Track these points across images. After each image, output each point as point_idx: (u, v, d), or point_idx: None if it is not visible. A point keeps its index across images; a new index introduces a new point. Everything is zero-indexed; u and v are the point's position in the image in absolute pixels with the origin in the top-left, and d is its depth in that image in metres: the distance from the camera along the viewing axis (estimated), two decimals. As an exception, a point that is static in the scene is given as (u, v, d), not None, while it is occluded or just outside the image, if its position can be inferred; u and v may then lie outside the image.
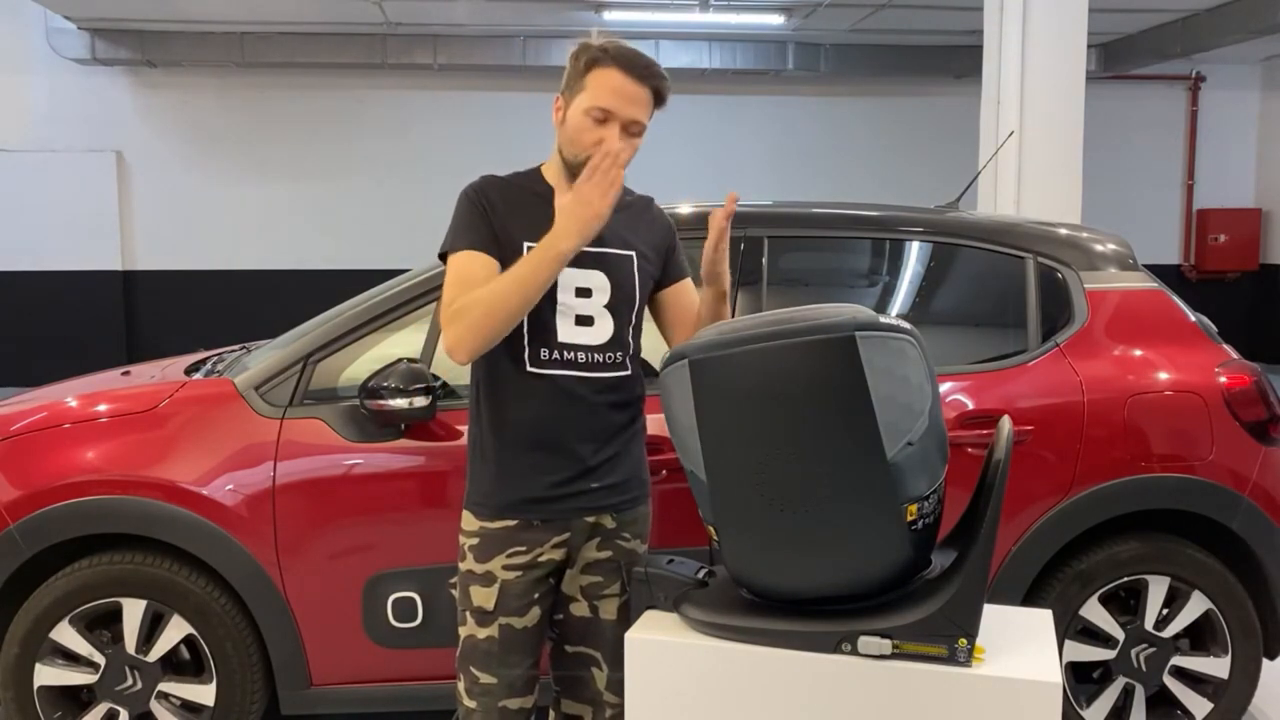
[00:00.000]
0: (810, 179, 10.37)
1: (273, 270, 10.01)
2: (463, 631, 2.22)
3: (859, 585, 1.90)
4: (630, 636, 2.01)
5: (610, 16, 8.77)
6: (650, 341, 2.34)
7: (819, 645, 1.88)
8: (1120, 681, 3.09)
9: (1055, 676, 1.82)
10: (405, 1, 8.44)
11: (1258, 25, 8.22)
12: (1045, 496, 3.02)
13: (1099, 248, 3.29)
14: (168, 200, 9.89)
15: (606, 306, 2.17)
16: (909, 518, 1.85)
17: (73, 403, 3.14)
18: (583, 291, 2.15)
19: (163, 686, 2.98)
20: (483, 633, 2.18)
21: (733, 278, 2.27)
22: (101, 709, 2.98)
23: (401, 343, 3.05)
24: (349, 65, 9.68)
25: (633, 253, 2.22)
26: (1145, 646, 3.08)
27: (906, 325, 1.86)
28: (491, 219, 2.13)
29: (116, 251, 9.82)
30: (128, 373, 3.65)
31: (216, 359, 3.67)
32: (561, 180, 2.19)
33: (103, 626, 2.97)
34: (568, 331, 2.15)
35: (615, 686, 2.25)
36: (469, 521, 2.22)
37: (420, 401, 2.78)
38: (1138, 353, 3.15)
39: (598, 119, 2.09)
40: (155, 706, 2.98)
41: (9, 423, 3.06)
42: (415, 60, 9.60)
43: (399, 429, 2.89)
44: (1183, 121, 10.90)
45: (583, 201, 1.99)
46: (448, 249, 2.15)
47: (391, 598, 2.91)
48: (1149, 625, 3.08)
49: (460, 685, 2.22)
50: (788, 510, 1.86)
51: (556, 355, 2.15)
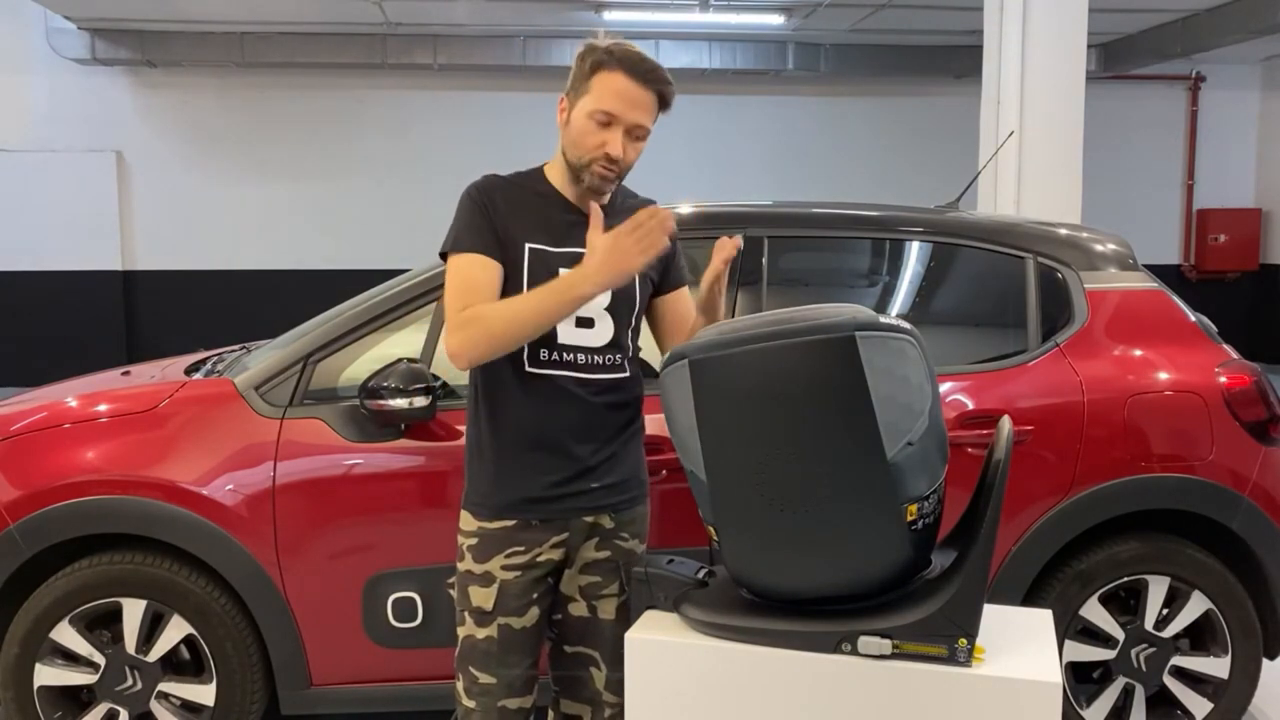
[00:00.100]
0: (810, 179, 10.37)
1: (273, 270, 10.01)
2: (461, 631, 2.22)
3: (859, 585, 1.90)
4: (630, 636, 2.01)
5: (610, 16, 8.76)
6: (650, 341, 2.34)
7: (819, 645, 1.88)
8: (1120, 681, 3.09)
9: (1055, 676, 1.83)
10: (405, 1, 8.44)
11: (1258, 25, 8.22)
12: (1045, 496, 3.02)
13: (1099, 248, 3.29)
14: (168, 200, 9.89)
15: (607, 309, 2.18)
16: (909, 518, 1.85)
17: (73, 403, 3.14)
18: None
19: (163, 686, 2.98)
20: (481, 633, 2.18)
21: (733, 278, 2.26)
22: (101, 709, 2.98)
23: (401, 343, 3.05)
24: (349, 65, 9.68)
25: None
26: (1145, 646, 3.08)
27: (906, 325, 1.86)
28: (494, 220, 2.13)
29: (116, 251, 9.82)
30: (128, 373, 3.65)
31: (216, 359, 3.67)
32: (567, 183, 2.19)
33: (103, 626, 2.97)
34: (568, 333, 2.15)
35: (614, 686, 2.25)
36: (467, 521, 2.22)
37: (420, 401, 2.79)
38: (1138, 353, 3.15)
39: (601, 122, 2.09)
40: (155, 706, 2.98)
41: (9, 423, 3.06)
42: (415, 60, 9.60)
43: (399, 429, 2.89)
44: (1183, 121, 10.90)
45: (619, 253, 1.98)
46: (449, 249, 2.15)
47: (391, 598, 2.91)
48: (1149, 625, 3.08)
49: (459, 685, 2.22)
50: (788, 510, 1.86)
51: (556, 356, 2.15)
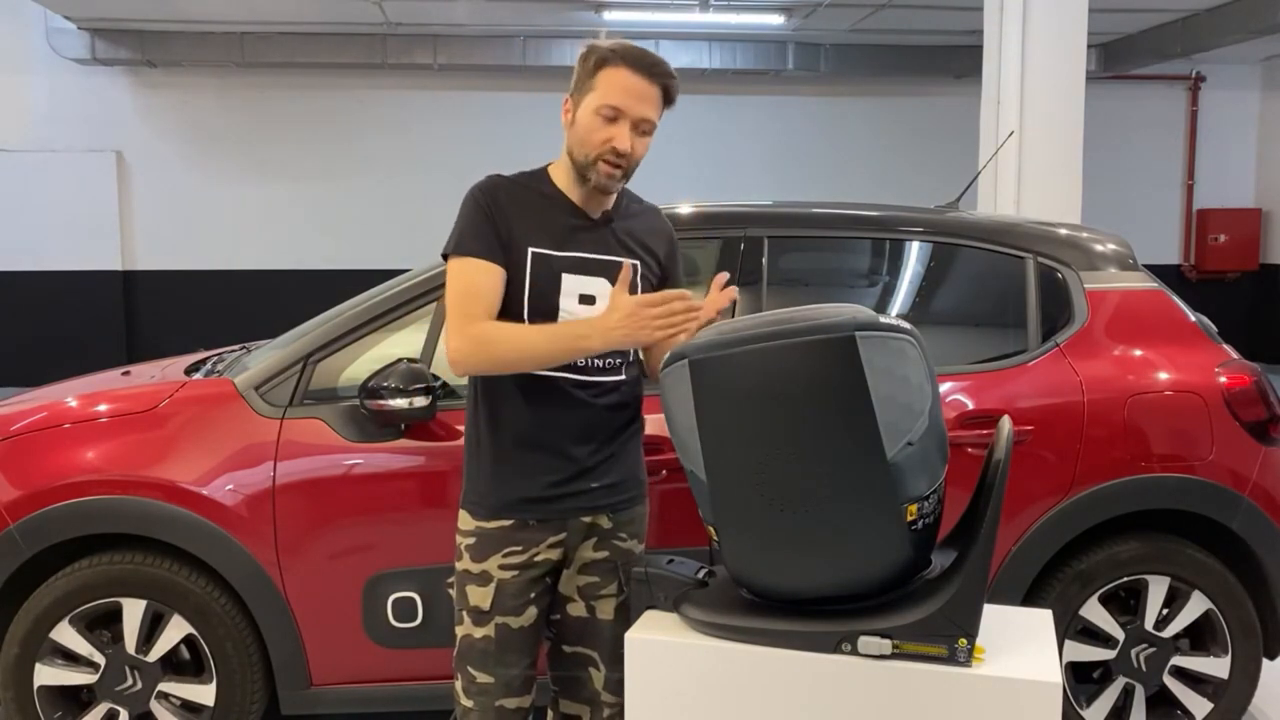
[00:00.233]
0: (810, 179, 10.36)
1: (273, 270, 10.01)
2: (459, 631, 2.22)
3: (859, 585, 1.90)
4: (630, 636, 2.01)
5: (610, 16, 8.76)
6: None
7: (819, 645, 1.88)
8: (1120, 681, 3.08)
9: (1055, 676, 1.83)
10: (405, 1, 8.44)
11: (1258, 25, 8.21)
12: (1045, 496, 3.02)
13: (1099, 248, 3.29)
14: (168, 200, 9.89)
15: None
16: (909, 518, 1.85)
17: (73, 403, 3.14)
18: (586, 299, 2.16)
19: (163, 686, 2.98)
20: (479, 632, 2.18)
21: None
22: (101, 709, 2.98)
23: (401, 343, 3.05)
24: (349, 65, 9.68)
25: (637, 261, 2.22)
26: (1145, 646, 3.08)
27: (906, 325, 1.86)
28: (497, 222, 2.13)
29: (116, 251, 9.82)
30: (128, 373, 3.65)
31: (216, 359, 3.67)
32: (573, 185, 2.19)
33: (103, 626, 2.97)
34: None
35: (613, 686, 2.25)
36: (465, 521, 2.22)
37: (420, 401, 2.78)
38: (1138, 353, 3.15)
39: (608, 117, 2.10)
40: (155, 706, 2.98)
41: (9, 423, 3.06)
42: (415, 60, 9.60)
43: (399, 429, 2.89)
44: (1183, 121, 10.90)
45: (638, 321, 2.00)
46: (451, 251, 2.15)
47: (391, 598, 2.91)
48: (1149, 625, 3.08)
49: (457, 685, 2.22)
50: (788, 510, 1.86)
51: (557, 357, 2.15)
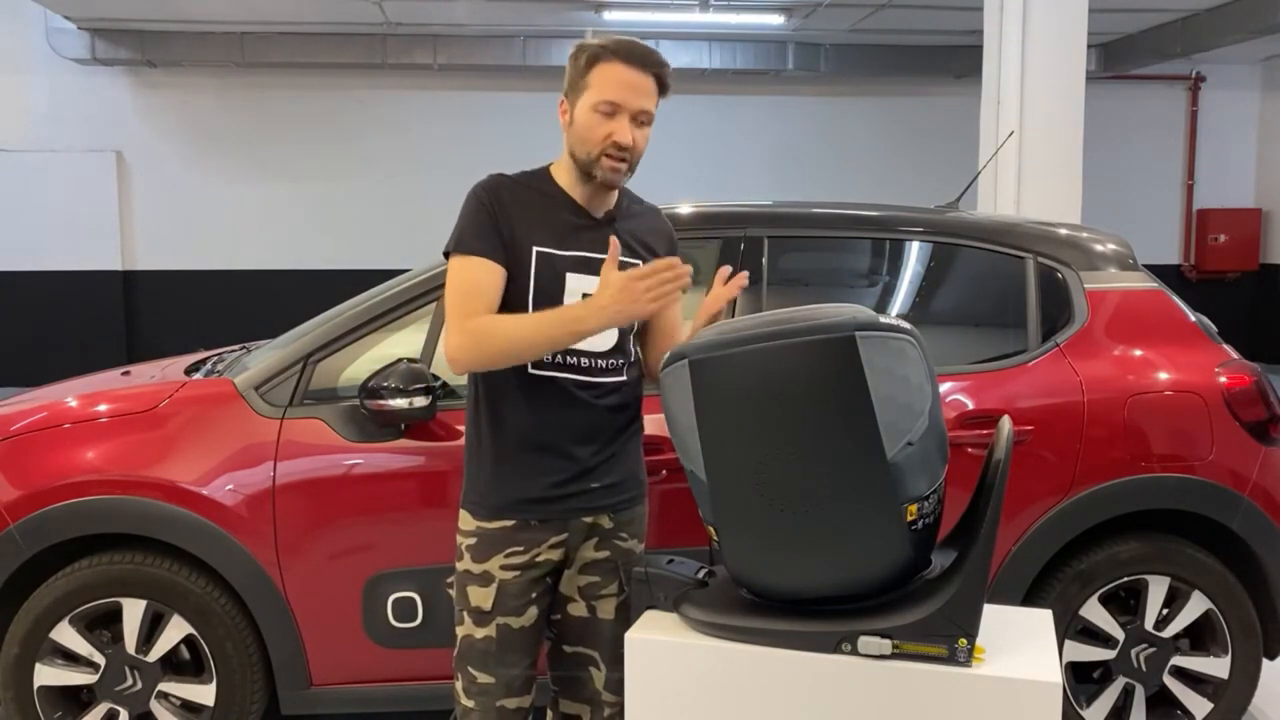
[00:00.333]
0: (809, 179, 10.36)
1: (273, 270, 10.01)
2: (460, 631, 2.22)
3: (859, 585, 1.90)
4: (630, 636, 2.01)
5: (610, 16, 8.77)
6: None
7: (819, 645, 1.88)
8: (1120, 681, 3.08)
9: (1055, 676, 1.83)
10: (405, 1, 8.44)
11: (1258, 25, 8.21)
12: (1045, 496, 3.02)
13: (1099, 248, 3.29)
14: (168, 200, 9.89)
15: None
16: (909, 518, 1.85)
17: (73, 403, 3.14)
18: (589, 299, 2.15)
19: (163, 686, 2.98)
20: (480, 632, 2.18)
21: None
22: (101, 709, 2.98)
23: (401, 343, 3.05)
24: (349, 65, 9.68)
25: (639, 261, 2.21)
26: (1145, 646, 3.07)
27: (906, 325, 1.86)
28: (499, 222, 2.13)
29: (116, 251, 9.82)
30: (128, 373, 3.64)
31: (216, 359, 3.67)
32: (575, 184, 2.19)
33: (103, 626, 2.97)
34: None
35: (613, 686, 2.25)
36: (466, 521, 2.22)
37: (420, 401, 2.78)
38: (1138, 353, 3.14)
39: (606, 112, 2.10)
40: (155, 706, 2.98)
41: (9, 423, 3.06)
42: (415, 60, 9.59)
43: (399, 429, 2.89)
44: (1183, 121, 10.89)
45: (630, 294, 2.00)
46: (452, 249, 2.15)
47: (391, 598, 2.91)
48: (1149, 625, 3.08)
49: (458, 685, 2.22)
50: (788, 510, 1.86)
51: (559, 359, 2.15)
